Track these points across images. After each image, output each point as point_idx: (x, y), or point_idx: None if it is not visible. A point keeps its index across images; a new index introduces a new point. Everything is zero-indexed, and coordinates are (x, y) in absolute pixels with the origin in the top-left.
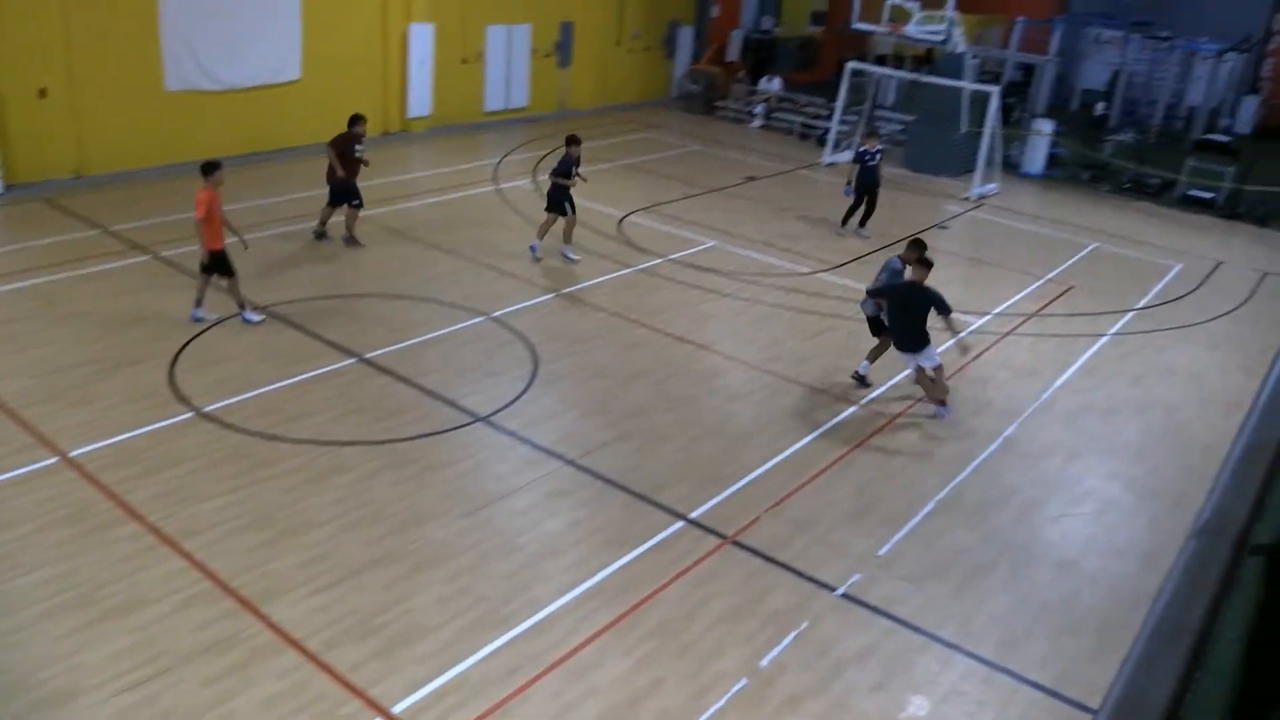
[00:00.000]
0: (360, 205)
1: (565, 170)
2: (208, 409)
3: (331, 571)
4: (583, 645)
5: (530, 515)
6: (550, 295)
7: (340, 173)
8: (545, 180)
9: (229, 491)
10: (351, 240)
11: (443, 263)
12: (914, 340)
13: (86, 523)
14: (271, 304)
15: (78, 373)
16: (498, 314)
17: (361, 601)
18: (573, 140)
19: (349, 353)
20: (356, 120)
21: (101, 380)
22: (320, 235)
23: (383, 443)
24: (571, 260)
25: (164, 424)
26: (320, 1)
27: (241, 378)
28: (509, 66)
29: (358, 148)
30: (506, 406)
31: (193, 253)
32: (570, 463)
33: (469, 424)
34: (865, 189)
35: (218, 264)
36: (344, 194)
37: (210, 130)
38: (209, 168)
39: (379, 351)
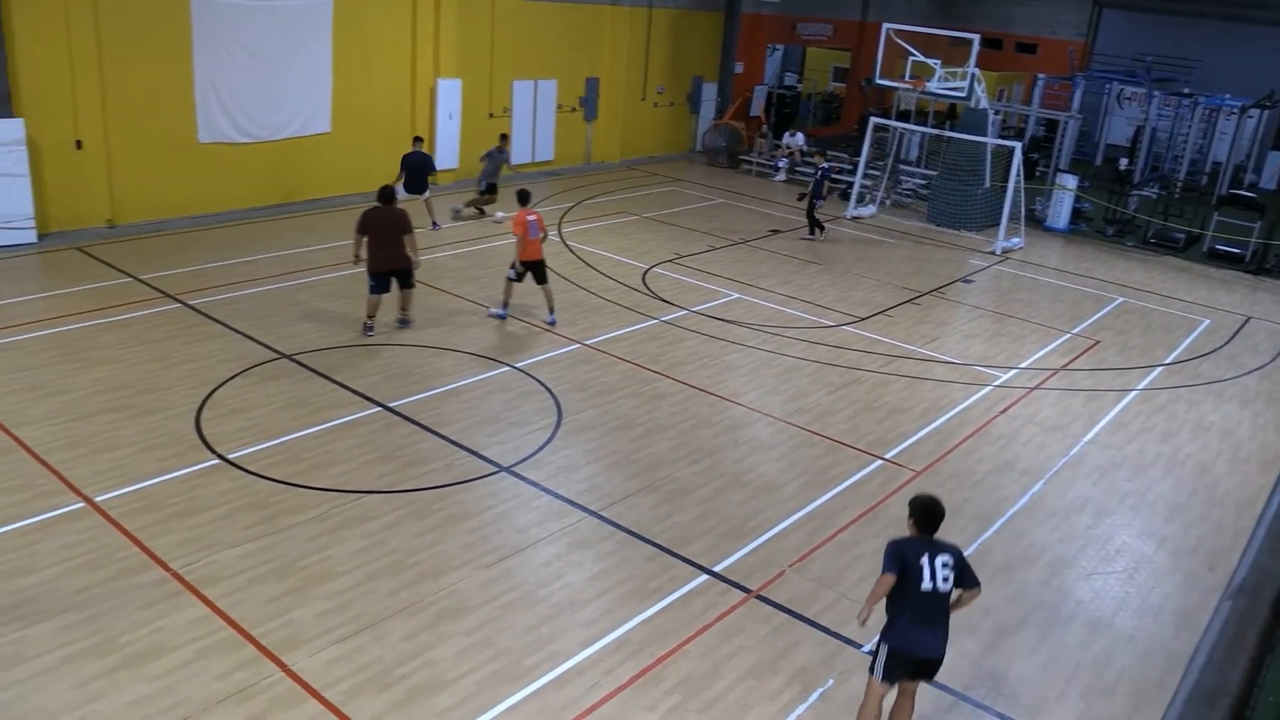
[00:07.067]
0: None
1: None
2: (232, 456)
3: (353, 621)
4: (605, 700)
5: (553, 567)
6: (574, 346)
7: None
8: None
9: (251, 540)
10: None
11: (467, 312)
12: None
13: (109, 569)
14: (295, 352)
15: (104, 418)
16: (521, 364)
17: (382, 652)
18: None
19: (373, 401)
20: None
21: (127, 426)
22: None
23: (405, 492)
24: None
25: (188, 471)
26: (351, 55)
27: (266, 426)
28: (535, 121)
29: None
30: (530, 457)
31: (223, 301)
32: (594, 514)
33: (492, 474)
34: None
35: None
36: None
37: (240, 182)
38: None
39: (402, 400)
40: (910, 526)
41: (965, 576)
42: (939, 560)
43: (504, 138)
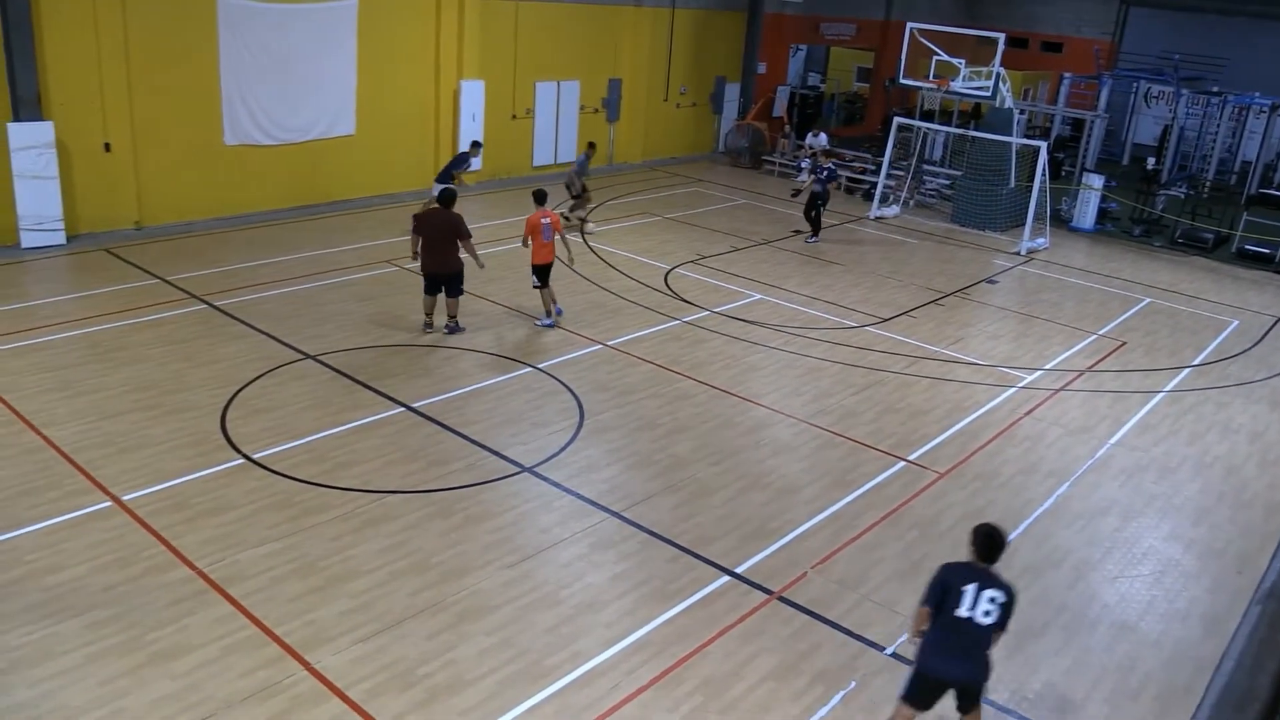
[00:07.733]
0: None
1: None
2: (257, 456)
3: (375, 621)
4: (626, 700)
5: (574, 567)
6: (596, 347)
7: None
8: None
9: (276, 539)
10: None
11: (489, 313)
12: None
13: (136, 567)
14: (320, 353)
15: (132, 418)
16: (543, 365)
17: (404, 651)
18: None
19: (396, 402)
20: None
21: (155, 425)
22: None
23: (428, 492)
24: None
25: (214, 470)
26: (375, 58)
27: (291, 425)
28: (558, 122)
29: None
30: (552, 457)
31: (249, 302)
32: (615, 515)
33: (514, 474)
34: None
35: None
36: None
37: (266, 184)
38: None
39: (426, 401)
40: (970, 553)
41: (1004, 617)
42: (986, 593)
43: (592, 146)
